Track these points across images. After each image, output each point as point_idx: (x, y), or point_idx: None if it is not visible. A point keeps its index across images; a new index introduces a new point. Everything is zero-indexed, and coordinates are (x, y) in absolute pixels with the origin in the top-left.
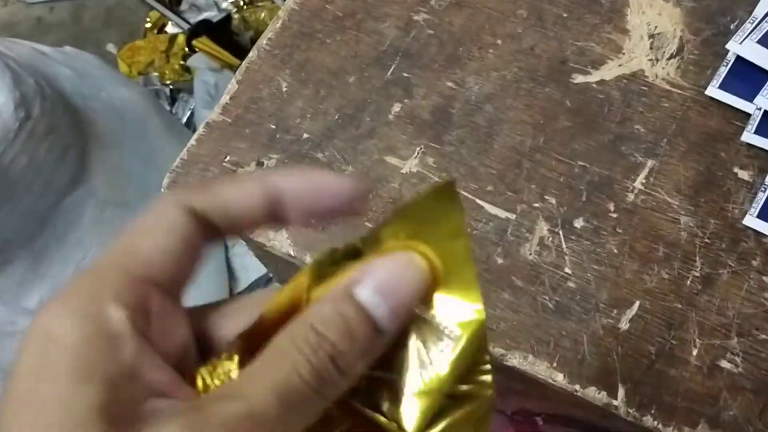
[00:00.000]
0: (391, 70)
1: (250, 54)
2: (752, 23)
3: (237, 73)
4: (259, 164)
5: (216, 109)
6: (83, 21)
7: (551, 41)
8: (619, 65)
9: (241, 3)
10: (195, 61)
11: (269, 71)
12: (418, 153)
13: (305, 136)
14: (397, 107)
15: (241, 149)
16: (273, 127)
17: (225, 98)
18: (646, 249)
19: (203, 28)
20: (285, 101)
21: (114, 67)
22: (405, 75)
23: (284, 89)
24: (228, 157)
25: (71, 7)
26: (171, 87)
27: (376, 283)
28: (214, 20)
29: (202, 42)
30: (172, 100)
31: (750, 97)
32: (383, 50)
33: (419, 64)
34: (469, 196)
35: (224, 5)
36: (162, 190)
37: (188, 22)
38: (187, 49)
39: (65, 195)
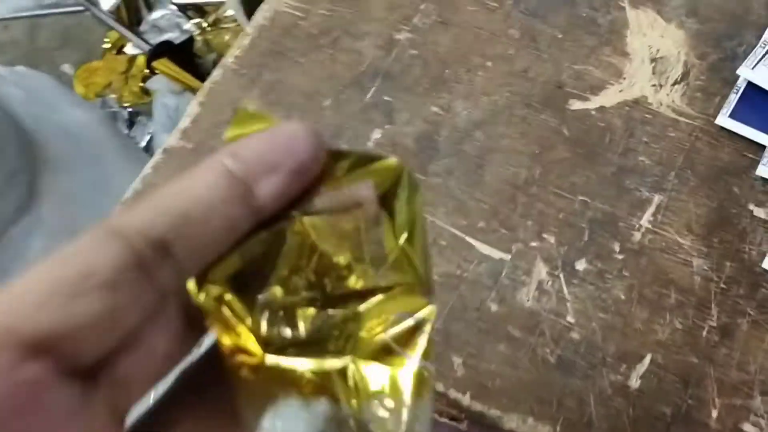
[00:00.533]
0: (370, 93)
1: (214, 73)
2: (764, 47)
3: (199, 94)
4: None
5: (175, 134)
6: (39, 40)
7: (546, 64)
8: (620, 91)
9: (205, 24)
10: (155, 83)
11: (235, 92)
12: None
13: None
14: (377, 134)
15: None
16: None
17: (185, 122)
18: (657, 295)
19: (164, 50)
20: None
21: (69, 88)
22: (386, 98)
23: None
24: None
25: (27, 25)
26: (129, 110)
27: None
28: (176, 41)
29: (163, 64)
30: (131, 123)
31: (764, 127)
32: (362, 71)
33: (402, 87)
34: (459, 233)
35: (187, 26)
36: None
37: (149, 43)
38: (147, 70)
39: (11, 224)
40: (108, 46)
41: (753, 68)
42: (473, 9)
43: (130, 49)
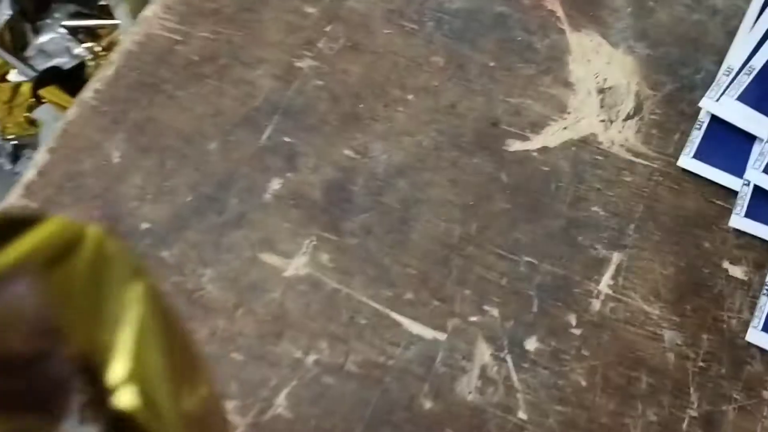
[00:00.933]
0: (267, 134)
1: (69, 113)
2: (728, 75)
3: (50, 139)
4: None
5: (17, 190)
6: None
7: (477, 97)
8: (565, 128)
9: (98, 48)
10: (42, 113)
11: (95, 135)
12: (307, 248)
13: (144, 226)
14: (276, 184)
15: None
16: (98, 213)
17: (30, 174)
18: (625, 379)
19: (52, 76)
20: (116, 177)
21: None
22: (286, 140)
23: (115, 160)
24: None
25: None
26: (14, 142)
27: None
28: (65, 67)
29: (51, 92)
30: (15, 157)
31: (734, 170)
32: (256, 107)
33: (305, 126)
34: (381, 308)
35: (77, 51)
36: None
37: (35, 69)
38: (33, 99)
39: None
40: None
41: (717, 100)
42: (389, 32)
43: (14, 77)
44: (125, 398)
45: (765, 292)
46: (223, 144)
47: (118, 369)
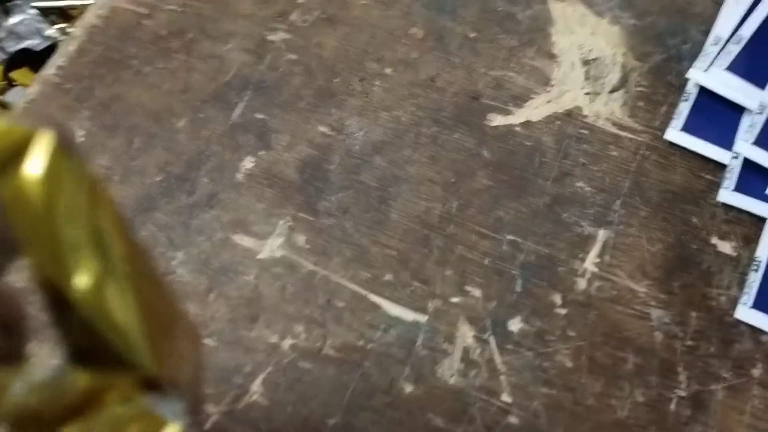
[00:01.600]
0: (238, 110)
1: (29, 90)
2: (716, 45)
3: (7, 117)
4: None
5: None
6: None
7: (457, 70)
8: (548, 101)
9: (70, 29)
10: (14, 96)
11: (58, 114)
12: (282, 229)
13: None
14: (249, 162)
15: None
16: None
17: None
18: (611, 359)
19: (23, 59)
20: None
21: None
22: (259, 116)
23: (80, 140)
24: None
25: None
26: None
27: None
28: (37, 49)
29: (22, 74)
30: None
31: (723, 142)
32: (226, 82)
33: (279, 102)
34: (360, 290)
35: (49, 32)
36: None
37: (6, 52)
38: (4, 82)
39: None
40: None
41: (705, 71)
42: (365, 2)
43: None
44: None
45: (754, 267)
46: (193, 122)
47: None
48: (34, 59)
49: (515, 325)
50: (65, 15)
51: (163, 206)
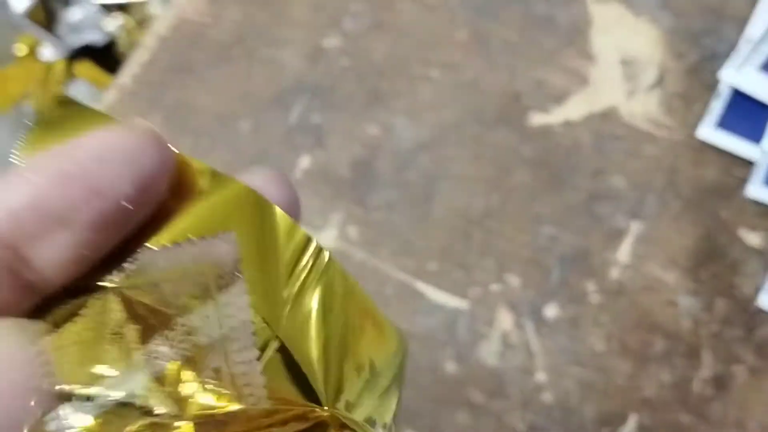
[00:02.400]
0: (295, 113)
1: (109, 95)
2: (749, 44)
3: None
4: None
5: None
6: None
7: (500, 72)
8: (587, 100)
9: (130, 24)
10: (76, 89)
11: (133, 117)
12: (336, 222)
13: None
14: (305, 161)
15: None
16: None
17: None
18: (640, 343)
19: (85, 53)
20: None
21: None
22: (314, 118)
23: None
24: None
25: None
26: None
27: None
28: (98, 43)
29: (85, 67)
30: None
31: (753, 140)
32: (284, 86)
33: (332, 104)
34: (406, 278)
35: (110, 27)
36: None
37: (68, 46)
38: (67, 76)
39: None
40: (22, 50)
41: (738, 71)
42: (413, 9)
43: (47, 54)
44: None
45: None
46: (254, 124)
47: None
48: (95, 53)
49: (551, 311)
50: (124, 9)
51: None
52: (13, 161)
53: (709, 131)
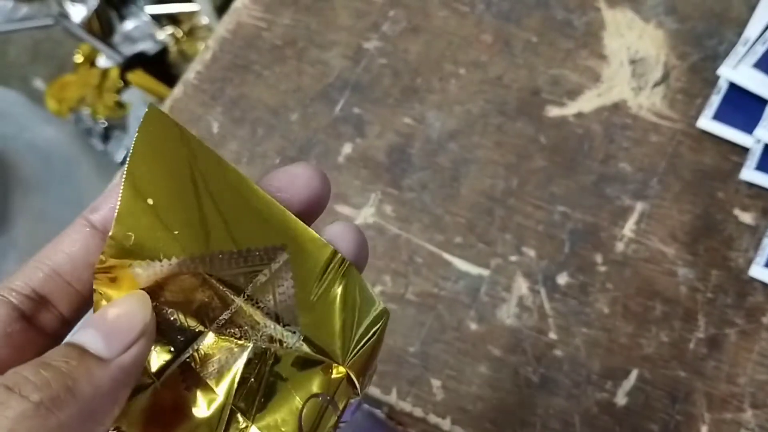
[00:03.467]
0: (339, 106)
1: (175, 90)
2: (745, 45)
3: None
4: None
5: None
6: (9, 56)
7: (521, 69)
8: (599, 95)
9: (180, 34)
10: (130, 95)
11: (198, 109)
12: (373, 201)
13: None
14: (347, 148)
15: None
16: None
17: None
18: (642, 307)
19: (138, 61)
20: (217, 144)
21: (41, 104)
22: (356, 111)
23: (216, 130)
24: None
25: None
26: (104, 124)
27: (87, 324)
28: (150, 52)
29: (138, 75)
30: (106, 137)
31: (747, 129)
32: (330, 83)
33: (372, 98)
34: (435, 250)
35: (160, 36)
36: None
37: (122, 55)
38: (121, 83)
39: None
40: (80, 59)
41: (734, 68)
42: (444, 14)
43: (103, 62)
44: None
45: None
46: (303, 115)
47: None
48: (147, 61)
49: (562, 279)
50: (175, 20)
51: None
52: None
53: (708, 122)
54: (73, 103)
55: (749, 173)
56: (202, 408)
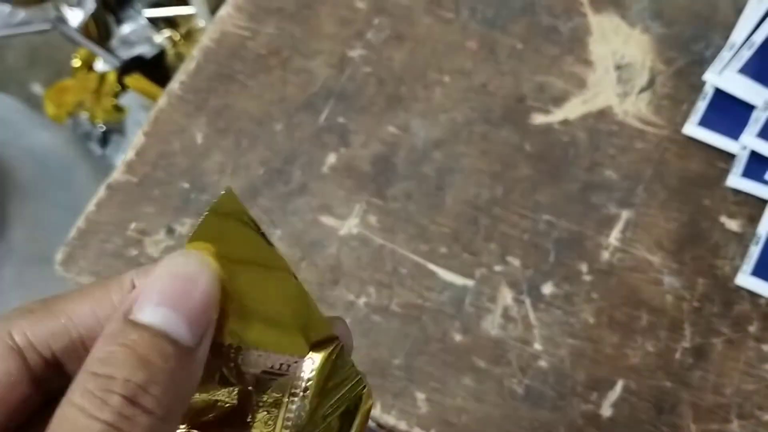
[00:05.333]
0: (324, 115)
1: (159, 101)
2: (731, 50)
3: (144, 124)
4: (170, 231)
5: (120, 167)
6: (6, 61)
7: (506, 77)
8: (584, 102)
9: (177, 37)
10: (128, 99)
11: (181, 120)
12: (358, 211)
13: None
14: (332, 158)
15: (148, 214)
16: (186, 186)
17: (130, 154)
18: (627, 317)
19: (136, 65)
20: (200, 155)
21: (39, 109)
22: (340, 120)
23: (199, 141)
24: (133, 225)
25: None
26: (103, 128)
27: (156, 297)
28: (147, 56)
29: (135, 79)
30: (105, 141)
31: (734, 135)
32: (314, 92)
33: (356, 107)
34: (420, 260)
35: (158, 40)
36: (55, 267)
37: (119, 59)
38: (119, 87)
39: None
40: (78, 63)
41: (720, 73)
42: (428, 21)
43: (100, 66)
44: None
45: (755, 242)
46: (288, 125)
47: None
48: (145, 65)
49: (547, 288)
50: (172, 23)
51: (265, 194)
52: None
53: (694, 128)
54: (71, 107)
55: (735, 180)
56: None
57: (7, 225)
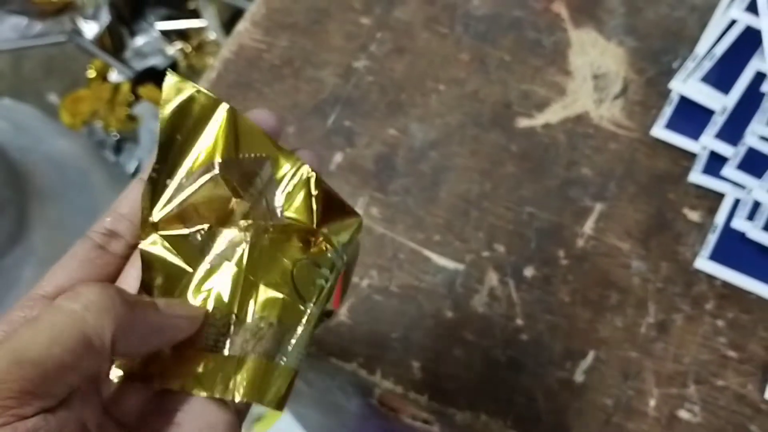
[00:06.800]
0: (332, 119)
1: None
2: (694, 61)
3: None
4: None
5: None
6: (23, 71)
7: (495, 85)
8: (564, 107)
9: (188, 49)
10: (141, 109)
11: None
12: (362, 204)
13: None
14: (339, 157)
15: None
16: None
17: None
18: (599, 297)
19: (148, 75)
20: None
21: (56, 118)
22: (346, 124)
23: None
24: None
25: (11, 57)
26: (117, 137)
27: None
28: (160, 67)
29: (148, 89)
30: (118, 149)
31: (696, 137)
32: (323, 99)
33: (361, 112)
34: (416, 247)
35: (170, 52)
36: None
37: (133, 69)
38: (132, 97)
39: (2, 254)
40: (93, 74)
41: (684, 82)
42: (426, 36)
43: (114, 77)
44: None
45: (713, 230)
46: (300, 128)
47: None
48: (157, 75)
49: (529, 271)
50: (184, 35)
51: None
52: None
53: (661, 130)
54: (86, 116)
55: (697, 176)
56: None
57: (27, 227)
